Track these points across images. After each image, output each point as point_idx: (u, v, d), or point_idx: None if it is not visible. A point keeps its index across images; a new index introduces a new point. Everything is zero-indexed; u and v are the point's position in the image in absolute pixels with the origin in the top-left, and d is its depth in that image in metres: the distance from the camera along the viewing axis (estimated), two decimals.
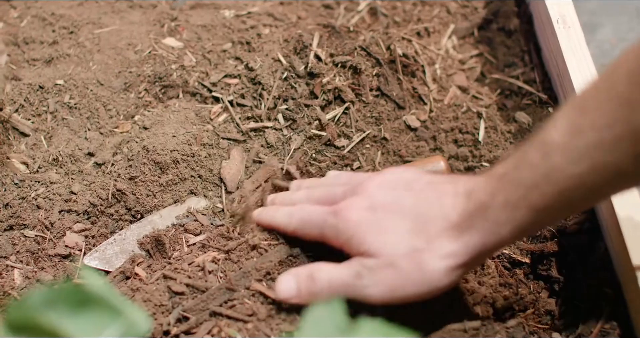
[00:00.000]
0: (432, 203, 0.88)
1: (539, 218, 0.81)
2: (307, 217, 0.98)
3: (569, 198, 0.79)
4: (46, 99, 1.28)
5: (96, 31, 1.38)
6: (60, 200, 1.17)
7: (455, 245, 0.84)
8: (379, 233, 0.89)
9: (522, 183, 0.80)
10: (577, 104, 0.78)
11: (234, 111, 1.25)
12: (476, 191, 0.85)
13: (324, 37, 1.29)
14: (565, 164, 0.76)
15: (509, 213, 0.81)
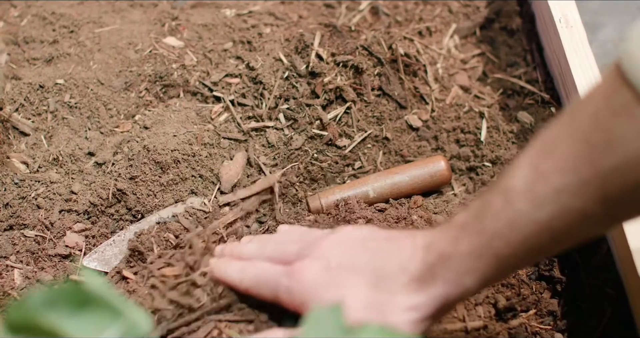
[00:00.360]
0: (389, 257, 0.85)
1: (504, 266, 0.79)
2: (261, 275, 0.93)
3: (535, 244, 0.76)
4: (46, 98, 1.28)
5: (97, 30, 1.37)
6: (60, 199, 1.17)
7: (418, 298, 0.81)
8: (335, 289, 0.84)
9: (485, 232, 0.77)
10: (540, 148, 0.75)
11: (235, 111, 1.25)
12: (435, 242, 0.82)
13: (325, 36, 1.28)
14: (529, 209, 0.74)
15: (473, 263, 0.78)
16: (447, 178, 1.17)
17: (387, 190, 1.15)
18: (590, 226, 0.75)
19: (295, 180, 1.18)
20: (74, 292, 0.65)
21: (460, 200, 1.16)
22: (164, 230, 1.11)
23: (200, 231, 1.10)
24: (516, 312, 0.99)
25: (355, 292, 0.83)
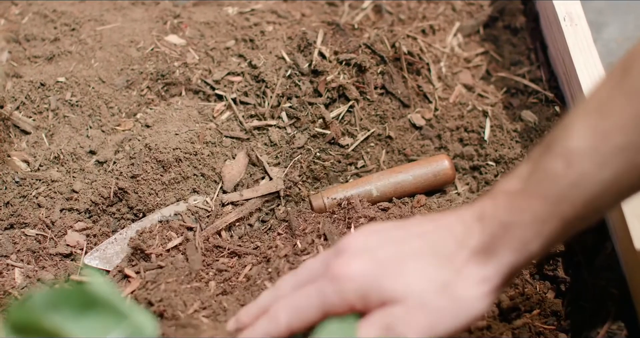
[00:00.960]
0: (444, 238, 0.83)
1: (568, 228, 0.78)
2: (297, 302, 0.86)
3: (599, 203, 0.76)
4: (47, 96, 1.27)
5: (98, 28, 1.37)
6: (61, 198, 1.16)
7: (486, 270, 0.80)
8: (397, 276, 0.81)
9: (549, 196, 0.76)
10: (594, 108, 0.76)
11: (237, 109, 1.24)
12: (489, 213, 0.81)
13: (328, 34, 1.28)
14: (593, 169, 0.74)
15: (538, 229, 0.77)
16: (451, 177, 1.17)
17: (391, 189, 1.15)
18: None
19: (298, 180, 1.17)
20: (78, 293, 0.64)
21: (463, 199, 1.16)
22: (167, 229, 1.11)
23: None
24: (520, 312, 0.99)
25: (417, 274, 0.81)
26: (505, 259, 0.79)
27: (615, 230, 1.03)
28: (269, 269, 1.02)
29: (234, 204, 1.16)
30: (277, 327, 0.85)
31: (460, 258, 0.80)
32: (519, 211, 0.78)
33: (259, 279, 1.01)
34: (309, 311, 0.84)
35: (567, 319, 1.00)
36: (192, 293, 1.00)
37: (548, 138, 0.78)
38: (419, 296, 0.80)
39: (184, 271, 1.03)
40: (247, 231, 1.14)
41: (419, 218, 0.88)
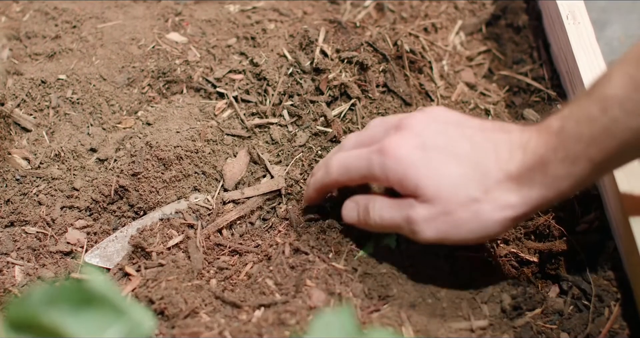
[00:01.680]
0: (488, 152, 0.88)
1: (597, 170, 0.83)
2: (349, 159, 0.97)
3: (628, 150, 0.81)
4: (48, 93, 1.27)
5: (99, 26, 1.37)
6: (62, 196, 1.16)
7: (514, 197, 0.86)
8: (434, 176, 0.88)
9: (582, 138, 0.81)
10: (633, 59, 0.79)
11: (239, 107, 1.24)
12: (533, 144, 0.85)
13: (330, 32, 1.27)
14: (625, 117, 0.77)
15: (569, 168, 0.82)
16: None
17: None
18: None
19: (300, 178, 1.17)
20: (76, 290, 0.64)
21: None
22: (167, 227, 1.10)
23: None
24: (522, 310, 0.98)
25: (453, 179, 0.88)
26: (534, 192, 0.85)
27: (617, 229, 1.03)
28: (270, 267, 1.02)
29: (235, 202, 1.15)
30: (329, 177, 0.99)
31: (495, 178, 0.86)
32: (554, 149, 0.83)
33: (260, 277, 1.01)
34: (355, 171, 0.95)
35: (569, 318, 0.99)
36: (192, 291, 0.99)
37: (591, 84, 0.82)
38: (446, 202, 0.87)
39: (185, 269, 1.03)
40: (248, 229, 1.13)
41: (479, 123, 0.92)
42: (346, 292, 0.97)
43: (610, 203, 1.05)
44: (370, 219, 0.96)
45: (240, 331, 0.92)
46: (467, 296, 0.99)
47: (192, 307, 0.96)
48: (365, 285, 0.98)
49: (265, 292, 0.99)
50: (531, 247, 1.08)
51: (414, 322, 0.93)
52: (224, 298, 0.99)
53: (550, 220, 1.08)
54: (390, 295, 0.97)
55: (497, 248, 1.06)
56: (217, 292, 1.00)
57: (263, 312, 0.96)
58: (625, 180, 1.00)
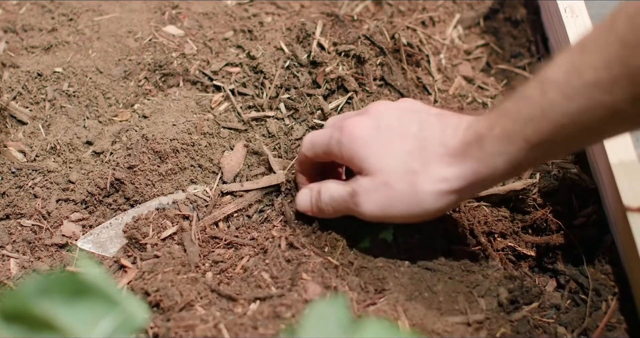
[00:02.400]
0: (435, 131, 0.92)
1: (533, 154, 0.84)
2: (316, 136, 1.03)
3: (564, 136, 0.81)
4: (44, 86, 1.27)
5: (96, 18, 1.37)
6: (57, 189, 1.16)
7: (449, 171, 0.89)
8: (379, 152, 0.93)
9: (519, 117, 0.83)
10: (579, 46, 0.80)
11: (235, 100, 1.24)
12: (475, 124, 0.88)
13: (327, 25, 1.27)
14: (561, 100, 0.79)
15: (504, 146, 0.84)
16: None
17: None
18: (618, 123, 0.80)
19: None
20: (69, 280, 0.64)
21: None
22: (162, 217, 1.10)
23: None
24: (519, 304, 0.98)
25: (396, 154, 0.92)
26: (468, 166, 0.88)
27: (615, 223, 1.02)
28: (266, 260, 1.01)
29: (233, 195, 1.15)
30: (300, 151, 1.06)
31: (435, 153, 0.90)
32: (491, 125, 0.85)
33: (255, 270, 1.01)
34: (319, 146, 1.01)
35: (566, 312, 0.99)
36: (188, 284, 0.99)
37: (541, 66, 0.84)
38: (387, 174, 0.92)
39: (181, 261, 1.03)
40: (245, 222, 1.13)
41: (439, 110, 0.96)
42: (342, 286, 0.97)
43: (608, 197, 1.05)
44: (321, 202, 1.01)
45: (235, 324, 0.91)
46: (464, 290, 0.98)
47: (187, 300, 0.96)
48: (361, 279, 0.98)
49: (261, 285, 0.99)
50: (528, 240, 1.07)
51: (410, 315, 0.93)
52: (219, 291, 0.99)
53: (547, 213, 1.08)
54: (386, 289, 0.97)
55: (495, 242, 1.06)
56: (213, 285, 1.00)
57: (258, 305, 0.96)
58: (623, 173, 0.99)
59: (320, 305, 0.66)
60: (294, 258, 1.01)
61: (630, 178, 0.99)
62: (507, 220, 1.09)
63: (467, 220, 1.07)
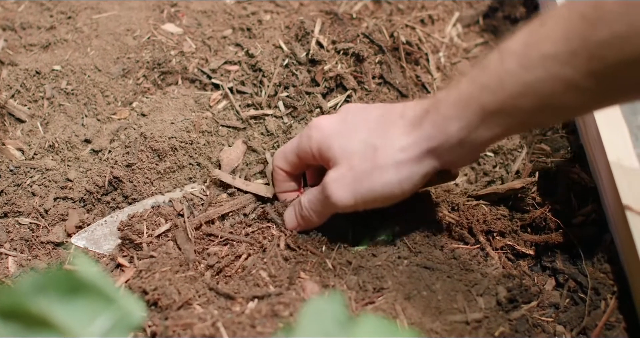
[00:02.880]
0: (396, 108, 0.94)
1: (489, 124, 0.85)
2: (284, 147, 1.06)
3: (520, 108, 0.82)
4: (43, 84, 1.26)
5: (94, 16, 1.37)
6: (56, 187, 1.15)
7: (406, 140, 0.90)
8: (343, 139, 0.96)
9: (476, 83, 0.84)
10: (539, 19, 0.81)
11: (234, 98, 1.23)
12: (437, 92, 0.93)
13: (326, 23, 1.27)
14: (519, 70, 0.80)
15: (459, 110, 0.85)
16: (455, 175, 1.04)
17: None
18: (577, 98, 0.79)
19: None
20: (65, 278, 0.64)
21: (461, 190, 1.15)
22: (157, 215, 1.10)
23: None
24: (517, 303, 0.98)
25: (359, 138, 0.94)
26: (424, 132, 0.88)
27: (614, 222, 1.02)
28: (264, 259, 1.01)
29: (228, 194, 1.15)
30: (275, 167, 1.08)
31: (394, 126, 0.91)
32: (449, 92, 0.87)
33: (254, 269, 1.01)
34: (289, 151, 1.04)
35: (565, 311, 0.99)
36: (186, 283, 0.99)
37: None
38: (350, 158, 0.94)
39: (178, 260, 1.03)
40: (242, 219, 1.12)
41: (406, 102, 0.97)
42: (340, 284, 0.97)
43: (607, 196, 1.04)
44: (302, 209, 1.02)
45: (233, 323, 0.91)
46: (463, 289, 0.98)
47: (185, 298, 0.96)
48: (359, 278, 0.98)
49: (259, 284, 0.99)
50: (527, 239, 1.07)
51: (408, 314, 0.93)
52: (217, 290, 0.99)
53: (546, 212, 1.08)
54: (385, 288, 0.97)
55: (493, 240, 1.06)
56: (211, 283, 1.00)
57: (257, 303, 0.96)
58: (622, 172, 0.99)
59: (317, 303, 0.65)
60: (292, 257, 1.01)
61: (629, 178, 0.99)
62: (506, 219, 1.09)
63: (466, 219, 1.07)
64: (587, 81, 0.76)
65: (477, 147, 0.89)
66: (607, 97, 0.81)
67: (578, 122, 1.17)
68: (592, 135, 1.09)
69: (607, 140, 1.04)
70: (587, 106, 0.84)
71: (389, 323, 0.66)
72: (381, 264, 0.99)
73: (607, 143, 1.04)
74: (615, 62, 0.74)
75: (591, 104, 0.82)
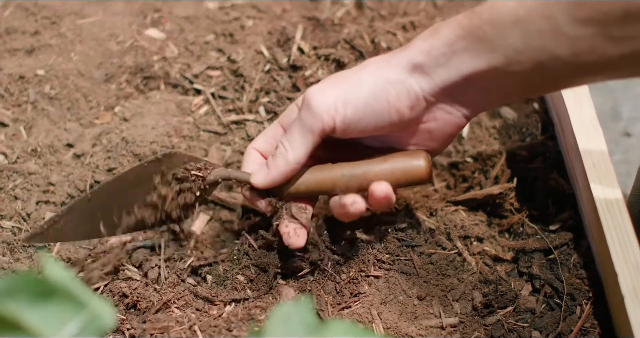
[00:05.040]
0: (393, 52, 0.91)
1: (472, 49, 0.83)
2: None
3: (506, 40, 0.80)
4: (26, 89, 1.27)
5: (78, 22, 1.37)
6: (38, 191, 1.16)
7: (392, 56, 0.89)
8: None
9: (468, 11, 0.83)
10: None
11: (216, 103, 1.24)
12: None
13: (308, 29, 1.28)
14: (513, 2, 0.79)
15: (444, 26, 0.85)
16: (425, 177, 0.97)
17: (354, 181, 0.97)
18: (563, 47, 0.77)
19: None
20: (35, 281, 0.64)
21: (440, 195, 1.15)
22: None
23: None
24: (493, 308, 0.99)
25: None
26: (411, 50, 0.87)
27: (590, 228, 1.03)
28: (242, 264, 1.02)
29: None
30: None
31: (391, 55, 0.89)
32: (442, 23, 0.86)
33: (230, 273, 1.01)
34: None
35: (541, 317, 0.99)
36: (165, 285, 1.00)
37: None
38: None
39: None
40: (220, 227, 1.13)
41: None
42: (317, 290, 0.98)
43: (584, 202, 1.05)
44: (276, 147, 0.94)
45: (209, 326, 0.92)
46: (439, 294, 0.99)
47: (164, 301, 0.97)
48: (336, 283, 0.98)
49: (237, 288, 0.99)
50: (505, 245, 1.08)
51: (384, 319, 0.93)
52: (196, 293, 0.99)
53: (524, 218, 1.09)
54: (361, 292, 0.98)
55: (471, 246, 1.06)
56: (190, 286, 1.00)
57: (234, 307, 0.96)
58: (597, 179, 1.00)
59: (286, 307, 0.66)
60: (270, 262, 1.01)
61: (604, 184, 0.99)
62: (484, 224, 1.09)
63: (444, 224, 1.07)
64: (571, 27, 0.75)
65: (462, 83, 0.87)
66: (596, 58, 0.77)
67: (557, 129, 1.18)
68: (569, 142, 1.10)
69: (584, 147, 1.05)
70: (576, 65, 0.79)
71: (359, 326, 0.67)
72: (358, 269, 1.00)
73: (584, 149, 1.04)
74: (601, 11, 0.73)
75: (580, 61, 0.78)
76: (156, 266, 1.03)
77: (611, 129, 1.74)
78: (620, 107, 1.67)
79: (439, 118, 0.91)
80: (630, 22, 0.72)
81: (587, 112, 1.09)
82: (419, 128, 0.92)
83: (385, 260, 1.01)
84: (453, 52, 0.84)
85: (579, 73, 0.81)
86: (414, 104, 0.87)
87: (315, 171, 0.96)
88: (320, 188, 0.95)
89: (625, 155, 1.74)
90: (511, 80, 0.84)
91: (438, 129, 0.92)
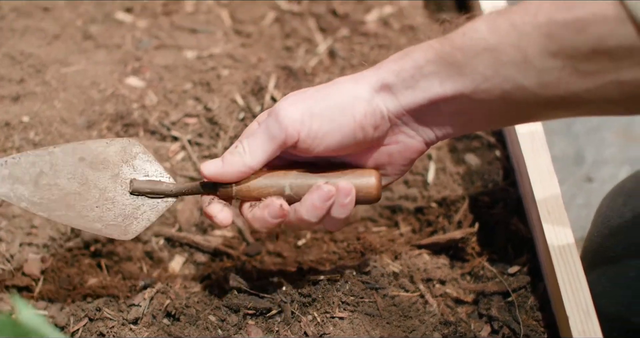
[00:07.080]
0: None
1: (441, 73, 0.84)
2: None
3: (475, 67, 0.81)
4: (12, 135, 1.30)
5: (62, 70, 1.41)
6: (21, 233, 1.19)
7: (363, 75, 0.90)
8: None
9: (441, 37, 0.84)
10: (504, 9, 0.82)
11: (192, 150, 1.28)
12: None
13: (281, 78, 1.32)
14: (485, 30, 0.80)
15: (414, 50, 0.86)
16: (374, 197, 0.95)
17: (305, 190, 0.94)
18: (532, 78, 0.79)
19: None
20: (8, 324, 0.66)
21: (405, 239, 1.19)
22: None
23: None
24: None
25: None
26: (381, 70, 0.88)
27: (545, 271, 1.07)
28: (214, 304, 1.05)
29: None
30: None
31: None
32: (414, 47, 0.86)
33: (203, 313, 1.04)
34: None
35: None
36: (141, 324, 1.03)
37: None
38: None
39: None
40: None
41: None
42: (285, 330, 1.01)
43: (540, 247, 1.09)
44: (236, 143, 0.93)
45: None
46: (401, 335, 1.02)
47: None
48: (302, 324, 1.02)
49: (209, 328, 1.02)
50: (466, 287, 1.11)
51: None
52: (170, 333, 1.02)
53: (484, 262, 1.12)
54: (326, 333, 1.01)
55: (433, 288, 1.09)
56: (164, 326, 1.03)
57: None
58: (550, 223, 1.04)
59: None
60: (240, 303, 1.04)
61: (557, 231, 1.04)
62: (446, 267, 1.12)
63: (407, 268, 1.10)
64: (541, 59, 0.77)
65: (427, 107, 0.87)
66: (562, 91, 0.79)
67: (517, 175, 1.22)
68: (527, 189, 1.14)
69: (539, 194, 1.09)
70: (542, 97, 0.81)
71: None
72: (323, 311, 1.04)
73: (539, 197, 1.08)
74: (570, 46, 0.75)
75: (546, 93, 0.80)
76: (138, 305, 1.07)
77: (574, 173, 1.76)
78: (584, 151, 1.70)
79: (401, 141, 0.92)
80: (598, 58, 0.74)
81: (543, 159, 1.13)
82: (379, 150, 0.93)
83: (350, 302, 1.04)
84: (422, 75, 0.84)
85: (544, 106, 0.82)
86: (379, 123, 0.88)
87: (268, 176, 0.94)
88: (268, 193, 0.94)
89: (588, 200, 1.77)
90: (477, 108, 0.86)
91: (398, 153, 0.93)
